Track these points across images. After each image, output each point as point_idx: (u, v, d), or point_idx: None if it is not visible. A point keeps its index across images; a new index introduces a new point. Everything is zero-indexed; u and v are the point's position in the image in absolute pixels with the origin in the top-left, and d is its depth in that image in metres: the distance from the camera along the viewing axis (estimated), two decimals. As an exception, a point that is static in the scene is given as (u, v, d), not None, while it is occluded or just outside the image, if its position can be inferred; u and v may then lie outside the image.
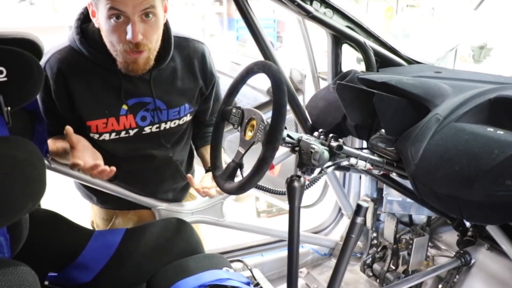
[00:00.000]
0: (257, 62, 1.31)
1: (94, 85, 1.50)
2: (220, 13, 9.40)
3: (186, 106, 1.65)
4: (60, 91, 1.48)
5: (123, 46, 1.38)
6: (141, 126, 1.58)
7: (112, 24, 1.35)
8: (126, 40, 1.36)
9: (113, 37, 1.38)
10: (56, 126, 1.51)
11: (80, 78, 1.48)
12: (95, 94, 1.50)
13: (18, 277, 0.95)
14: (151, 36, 1.41)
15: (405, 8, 9.43)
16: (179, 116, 1.65)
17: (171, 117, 1.63)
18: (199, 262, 1.56)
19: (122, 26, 1.35)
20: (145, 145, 1.63)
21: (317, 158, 1.21)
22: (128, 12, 1.33)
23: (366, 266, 2.40)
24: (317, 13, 1.76)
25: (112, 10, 1.32)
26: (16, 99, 1.14)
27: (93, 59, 1.47)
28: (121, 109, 1.53)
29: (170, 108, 1.61)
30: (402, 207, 2.21)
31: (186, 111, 1.66)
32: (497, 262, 1.94)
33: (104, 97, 1.50)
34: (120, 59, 1.43)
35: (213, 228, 2.10)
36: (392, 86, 1.40)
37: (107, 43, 1.41)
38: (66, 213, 1.59)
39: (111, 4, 1.31)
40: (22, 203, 0.96)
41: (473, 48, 6.61)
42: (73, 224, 1.58)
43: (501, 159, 1.01)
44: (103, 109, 1.51)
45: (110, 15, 1.33)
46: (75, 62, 1.47)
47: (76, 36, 1.47)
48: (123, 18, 1.34)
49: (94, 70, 1.49)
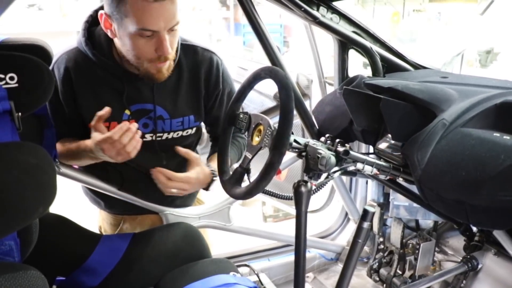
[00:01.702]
0: (264, 68, 1.32)
1: (98, 88, 1.51)
2: (227, 18, 9.41)
3: (191, 118, 1.64)
4: (66, 92, 1.50)
5: (150, 59, 1.40)
6: (142, 133, 1.57)
7: (141, 40, 1.36)
8: (155, 54, 1.39)
9: (139, 51, 1.39)
10: (63, 128, 1.53)
11: (85, 79, 1.49)
12: (98, 96, 1.51)
13: (28, 281, 0.96)
14: (174, 46, 1.44)
15: (411, 13, 9.41)
16: (183, 128, 1.64)
17: (174, 128, 1.62)
18: (206, 267, 1.56)
19: (150, 42, 1.36)
20: (144, 154, 1.55)
21: (324, 163, 1.21)
22: (160, 30, 1.34)
23: (373, 271, 2.39)
24: (323, 19, 1.77)
25: (142, 31, 1.33)
26: (27, 105, 1.15)
27: (98, 63, 1.48)
28: (124, 114, 1.54)
29: (173, 117, 1.60)
30: (409, 212, 2.21)
31: (191, 124, 1.65)
32: (504, 267, 1.93)
33: (107, 100, 1.50)
34: (144, 70, 1.44)
35: (220, 233, 2.11)
36: (399, 91, 1.40)
37: (129, 56, 1.42)
38: (74, 218, 1.60)
39: (144, 25, 1.32)
40: (33, 208, 0.97)
41: (479, 52, 6.58)
42: (81, 229, 1.59)
43: (507, 164, 1.01)
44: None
45: (139, 34, 1.34)
46: (81, 64, 1.49)
47: (82, 38, 1.48)
48: (152, 35, 1.35)
49: (99, 73, 1.50)
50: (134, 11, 1.30)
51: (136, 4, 1.29)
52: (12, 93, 1.10)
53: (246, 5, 1.75)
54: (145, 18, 1.30)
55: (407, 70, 1.93)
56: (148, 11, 1.30)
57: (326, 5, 1.77)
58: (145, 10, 1.29)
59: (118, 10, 1.32)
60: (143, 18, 1.30)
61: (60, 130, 1.52)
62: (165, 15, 1.33)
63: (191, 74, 1.61)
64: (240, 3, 1.76)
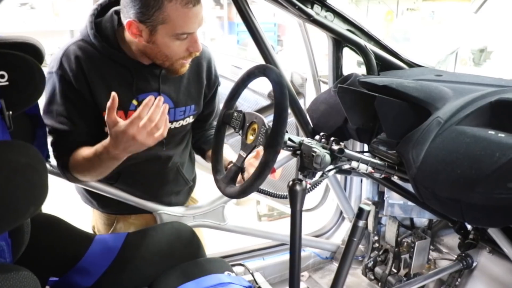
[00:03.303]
0: (258, 66, 1.31)
1: (108, 77, 1.50)
2: (220, 17, 9.41)
3: (192, 107, 1.67)
4: (80, 80, 1.47)
5: (181, 57, 1.46)
6: None
7: (177, 42, 1.40)
8: (187, 52, 1.45)
9: (172, 52, 1.43)
10: (83, 128, 1.51)
11: (96, 69, 1.48)
12: (108, 86, 1.49)
13: (19, 282, 0.95)
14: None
15: (405, 12, 9.44)
16: (183, 117, 1.66)
17: (177, 117, 1.64)
18: (200, 266, 1.55)
19: (184, 42, 1.42)
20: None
21: (318, 161, 1.21)
22: (195, 32, 1.41)
23: (368, 269, 2.40)
24: (318, 17, 1.77)
25: (181, 35, 1.39)
26: (18, 103, 1.14)
27: (107, 54, 1.48)
28: (131, 104, 1.54)
29: (177, 106, 1.62)
30: (404, 210, 2.21)
31: (191, 112, 1.68)
32: (499, 265, 1.93)
33: (116, 90, 1.49)
34: (170, 65, 1.48)
35: (215, 232, 2.10)
36: (393, 89, 1.40)
37: (159, 56, 1.44)
38: (67, 218, 1.58)
39: (185, 30, 1.38)
40: (24, 208, 0.96)
41: (473, 51, 6.60)
42: (74, 229, 1.58)
43: (502, 162, 1.01)
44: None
45: (177, 38, 1.39)
46: (90, 54, 1.48)
47: (91, 31, 1.48)
48: (187, 36, 1.41)
49: (108, 64, 1.49)
50: (175, 18, 1.34)
51: (177, 11, 1.33)
52: (3, 91, 1.09)
53: (240, 3, 1.75)
54: (185, 23, 1.36)
55: (401, 69, 1.93)
56: (188, 17, 1.36)
57: (320, 3, 1.77)
58: (186, 16, 1.35)
59: (154, 18, 1.35)
60: (183, 23, 1.36)
61: (80, 132, 1.50)
62: (199, 17, 1.39)
63: (194, 64, 1.63)
64: (234, 1, 1.76)
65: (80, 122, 1.50)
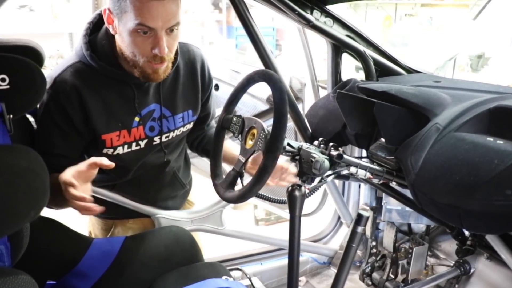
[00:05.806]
0: (258, 71, 1.32)
1: (108, 98, 1.47)
2: (219, 21, 9.41)
3: (189, 112, 1.66)
4: (75, 107, 1.44)
5: (146, 58, 1.38)
6: (150, 137, 1.57)
7: (138, 37, 1.34)
8: (151, 53, 1.37)
9: (136, 49, 1.37)
10: (72, 151, 1.50)
11: (94, 92, 1.45)
12: (109, 107, 1.47)
13: (18, 287, 0.95)
14: (173, 48, 1.42)
15: (403, 17, 9.48)
16: (183, 123, 1.65)
17: (178, 125, 1.63)
18: (198, 271, 1.55)
19: (147, 40, 1.35)
20: (147, 153, 1.62)
21: (317, 167, 1.21)
22: (157, 29, 1.33)
23: (365, 275, 2.39)
24: (317, 22, 1.77)
25: (140, 26, 1.32)
26: (18, 106, 1.14)
27: (106, 73, 1.45)
28: (134, 121, 1.52)
29: (174, 114, 1.61)
30: (401, 216, 2.21)
31: (190, 119, 1.67)
32: (496, 271, 1.94)
33: (118, 109, 1.49)
34: (140, 69, 1.42)
35: (212, 236, 2.10)
36: (392, 95, 1.41)
37: (127, 52, 1.40)
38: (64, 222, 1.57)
39: (141, 21, 1.30)
40: (25, 212, 0.96)
41: (471, 57, 6.64)
42: (72, 232, 1.58)
43: (501, 168, 1.02)
44: (117, 122, 1.49)
45: (137, 30, 1.33)
46: (87, 77, 1.44)
47: (87, 52, 1.44)
48: (149, 33, 1.34)
49: (107, 84, 1.47)
50: (134, 6, 1.29)
51: (139, 0, 1.29)
52: (3, 95, 1.09)
53: (239, 7, 1.75)
54: (144, 14, 1.30)
55: (400, 74, 1.93)
56: (147, 7, 1.30)
57: (319, 9, 1.77)
58: (144, 6, 1.29)
59: (119, 5, 1.32)
60: (141, 14, 1.30)
61: (66, 154, 1.48)
62: (164, 13, 1.32)
63: (187, 68, 1.62)
64: (234, 5, 1.76)
65: (70, 146, 1.49)
